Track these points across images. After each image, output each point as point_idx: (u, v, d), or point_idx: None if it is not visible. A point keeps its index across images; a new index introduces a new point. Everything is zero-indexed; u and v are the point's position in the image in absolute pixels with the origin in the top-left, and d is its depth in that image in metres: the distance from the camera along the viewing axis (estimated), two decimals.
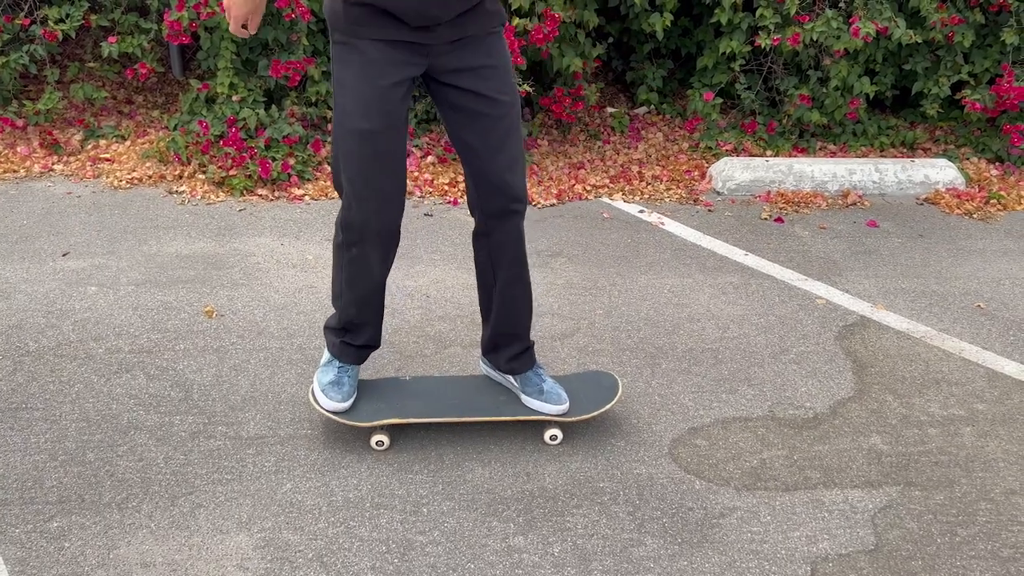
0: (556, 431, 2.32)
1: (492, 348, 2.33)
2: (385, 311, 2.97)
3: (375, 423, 2.24)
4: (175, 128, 4.30)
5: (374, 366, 2.66)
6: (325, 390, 2.24)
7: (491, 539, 2.01)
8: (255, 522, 2.03)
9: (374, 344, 2.29)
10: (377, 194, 2.00)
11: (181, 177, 4.05)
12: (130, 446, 2.27)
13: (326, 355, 2.32)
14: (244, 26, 2.04)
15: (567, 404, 2.30)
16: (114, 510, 2.05)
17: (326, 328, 2.30)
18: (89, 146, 4.31)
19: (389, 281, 3.20)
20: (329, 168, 4.17)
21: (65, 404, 2.43)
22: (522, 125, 2.21)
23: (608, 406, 2.33)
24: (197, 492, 2.11)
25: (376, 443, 2.27)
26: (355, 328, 2.24)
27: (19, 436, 2.29)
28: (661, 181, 4.26)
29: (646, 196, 4.12)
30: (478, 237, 2.20)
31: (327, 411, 2.24)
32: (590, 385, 2.40)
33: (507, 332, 2.28)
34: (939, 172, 4.30)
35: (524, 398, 2.32)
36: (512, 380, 2.35)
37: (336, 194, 3.96)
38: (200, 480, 2.15)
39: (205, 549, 1.94)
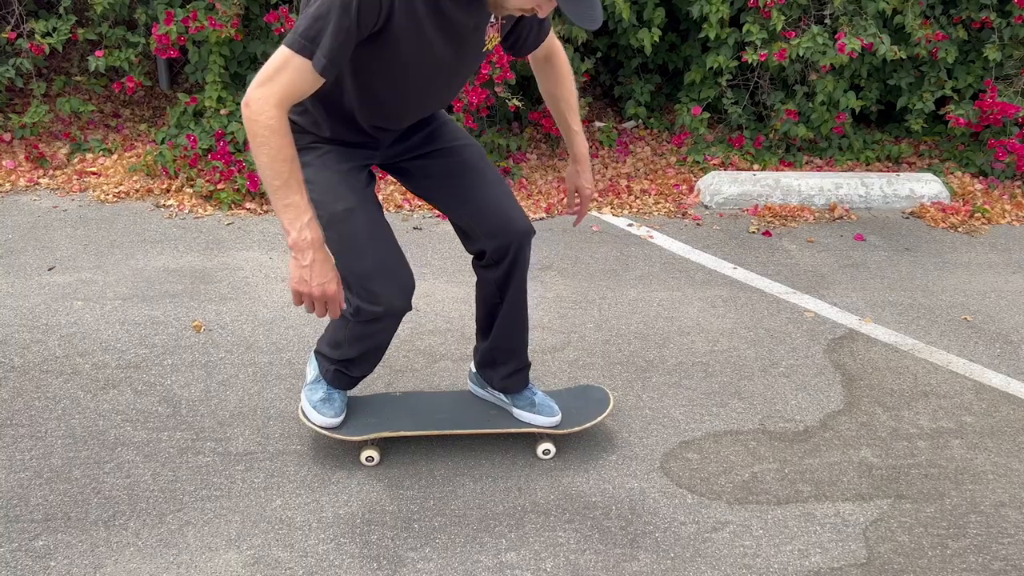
0: (549, 445, 2.31)
1: (488, 364, 2.31)
2: None
3: (366, 437, 2.23)
4: (162, 142, 4.28)
5: (364, 381, 2.64)
6: (316, 407, 2.23)
7: (483, 555, 1.99)
8: (244, 539, 2.01)
9: (368, 374, 2.27)
10: (381, 273, 1.95)
11: (168, 191, 4.03)
12: (117, 463, 2.24)
13: (313, 373, 2.29)
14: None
15: (559, 416, 2.29)
16: (101, 528, 2.02)
17: (319, 353, 2.25)
18: (75, 160, 4.29)
19: None
20: None
21: (51, 420, 2.40)
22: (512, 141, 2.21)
23: (599, 419, 2.33)
24: (185, 509, 2.09)
25: (366, 458, 2.26)
26: (354, 364, 2.21)
27: (4, 453, 2.26)
28: (649, 195, 4.28)
29: (635, 210, 4.13)
30: (487, 267, 2.17)
31: (319, 427, 2.22)
32: (581, 399, 2.40)
33: (507, 349, 2.27)
34: (924, 186, 4.34)
35: (516, 412, 2.32)
36: (503, 397, 2.34)
37: None
38: (188, 497, 2.13)
39: (194, 567, 1.92)
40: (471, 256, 2.25)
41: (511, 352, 2.27)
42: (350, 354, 2.16)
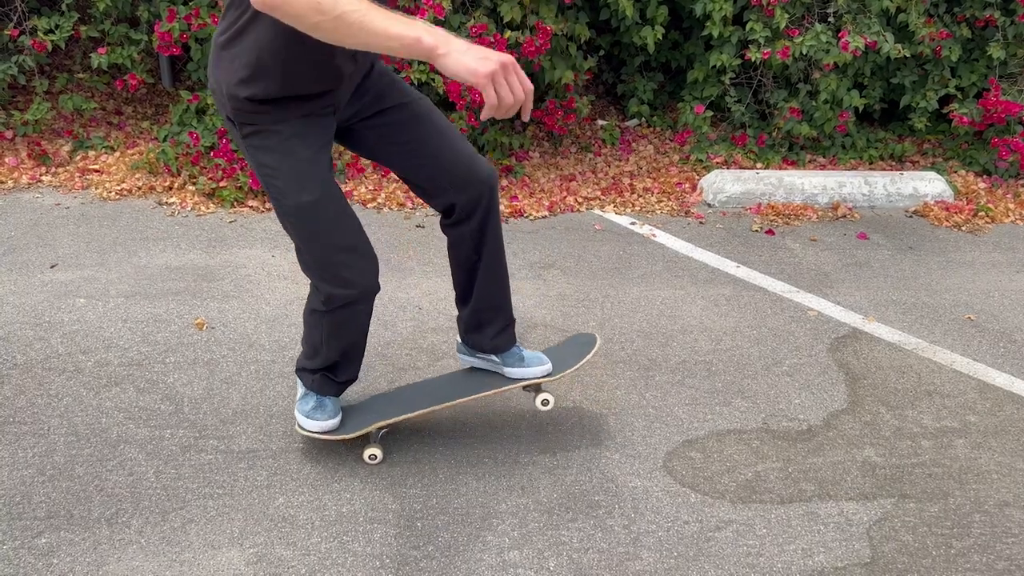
0: (547, 395, 2.32)
1: (475, 327, 2.28)
2: (377, 323, 2.96)
3: (364, 430, 2.22)
4: (165, 139, 4.28)
5: (366, 379, 2.64)
6: (310, 415, 2.22)
7: (486, 554, 1.99)
8: (247, 537, 2.01)
9: (354, 378, 2.26)
10: (349, 256, 1.95)
11: (171, 188, 4.03)
12: (120, 460, 2.24)
13: (302, 389, 2.28)
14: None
15: (549, 364, 2.30)
16: (103, 526, 2.02)
17: (299, 369, 2.24)
18: (78, 157, 4.29)
19: (381, 293, 3.19)
20: None
21: (53, 418, 2.40)
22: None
23: (588, 357, 2.33)
24: (188, 507, 2.09)
25: (369, 456, 2.25)
26: (336, 369, 2.20)
27: (7, 451, 2.26)
28: (652, 193, 4.28)
29: (637, 208, 4.13)
30: (457, 224, 2.14)
31: (316, 433, 2.22)
32: (570, 347, 2.42)
33: (492, 307, 2.25)
34: (928, 185, 4.33)
35: (507, 370, 2.31)
36: (494, 358, 2.33)
37: None
38: (191, 495, 2.13)
39: (196, 565, 1.92)
40: (439, 216, 2.21)
41: (497, 309, 2.25)
42: (331, 356, 2.15)
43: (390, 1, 1.77)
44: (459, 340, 2.39)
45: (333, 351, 2.14)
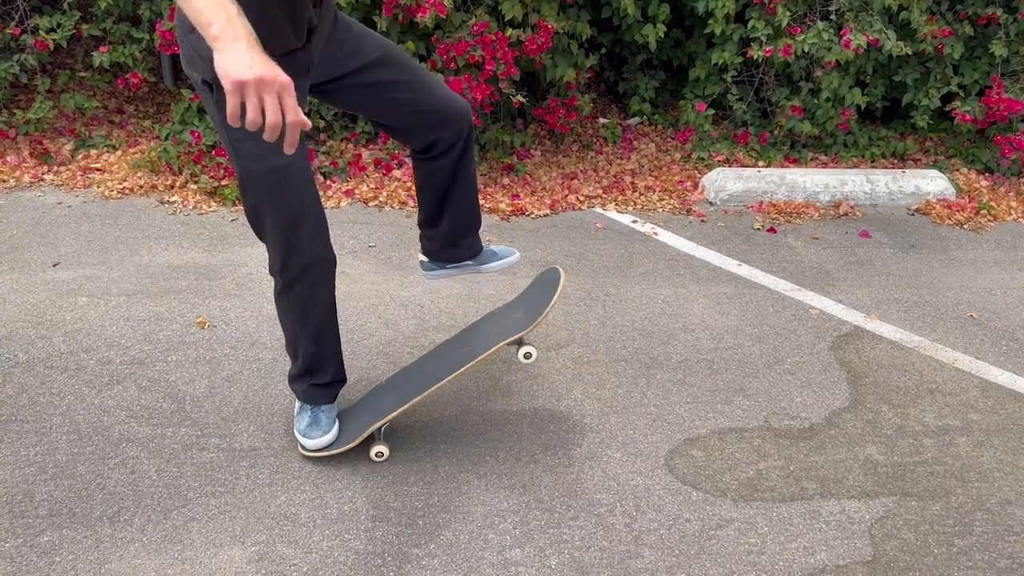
0: (529, 348, 2.32)
1: (451, 244, 2.37)
2: (379, 321, 2.96)
3: (360, 438, 2.22)
4: (167, 138, 4.28)
5: (368, 379, 2.64)
6: (305, 433, 2.23)
7: (488, 552, 1.99)
8: (249, 535, 2.01)
9: (341, 379, 2.26)
10: (308, 223, 1.96)
11: (173, 187, 4.03)
12: (122, 459, 2.24)
13: (297, 405, 2.29)
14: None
15: (517, 253, 2.46)
16: (105, 524, 2.02)
17: (290, 380, 2.26)
18: (80, 156, 4.29)
19: (383, 292, 3.19)
20: (323, 178, 4.16)
21: (56, 416, 2.40)
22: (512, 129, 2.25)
23: (556, 295, 2.33)
24: (190, 505, 2.09)
25: (376, 454, 2.25)
26: (318, 367, 2.20)
27: (9, 449, 2.26)
28: (654, 192, 4.27)
29: (639, 206, 4.12)
30: (438, 156, 2.19)
31: (316, 452, 2.22)
32: (536, 291, 2.46)
33: (466, 221, 2.33)
34: (930, 183, 4.33)
35: (484, 268, 2.43)
36: (469, 262, 2.42)
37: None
38: (193, 493, 2.13)
39: (198, 563, 1.92)
40: (415, 151, 2.23)
41: (470, 221, 2.34)
42: (308, 347, 2.15)
43: None
44: (424, 259, 2.43)
45: (308, 340, 2.15)
